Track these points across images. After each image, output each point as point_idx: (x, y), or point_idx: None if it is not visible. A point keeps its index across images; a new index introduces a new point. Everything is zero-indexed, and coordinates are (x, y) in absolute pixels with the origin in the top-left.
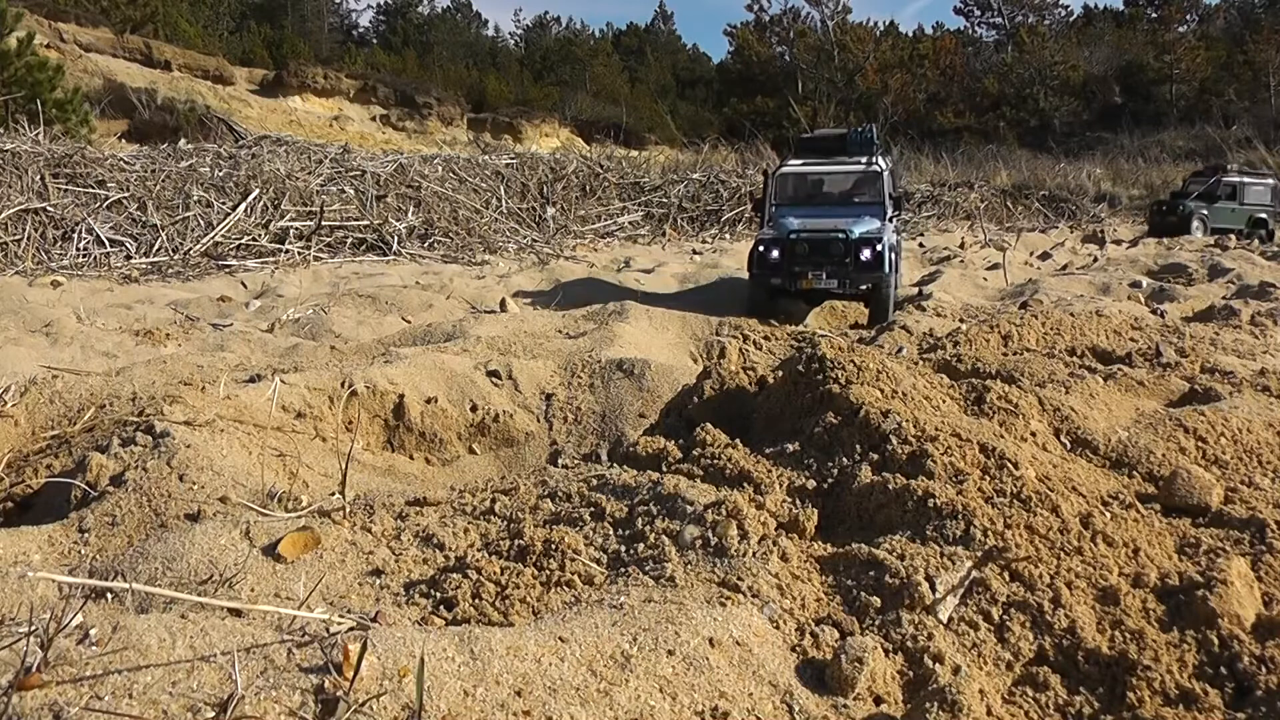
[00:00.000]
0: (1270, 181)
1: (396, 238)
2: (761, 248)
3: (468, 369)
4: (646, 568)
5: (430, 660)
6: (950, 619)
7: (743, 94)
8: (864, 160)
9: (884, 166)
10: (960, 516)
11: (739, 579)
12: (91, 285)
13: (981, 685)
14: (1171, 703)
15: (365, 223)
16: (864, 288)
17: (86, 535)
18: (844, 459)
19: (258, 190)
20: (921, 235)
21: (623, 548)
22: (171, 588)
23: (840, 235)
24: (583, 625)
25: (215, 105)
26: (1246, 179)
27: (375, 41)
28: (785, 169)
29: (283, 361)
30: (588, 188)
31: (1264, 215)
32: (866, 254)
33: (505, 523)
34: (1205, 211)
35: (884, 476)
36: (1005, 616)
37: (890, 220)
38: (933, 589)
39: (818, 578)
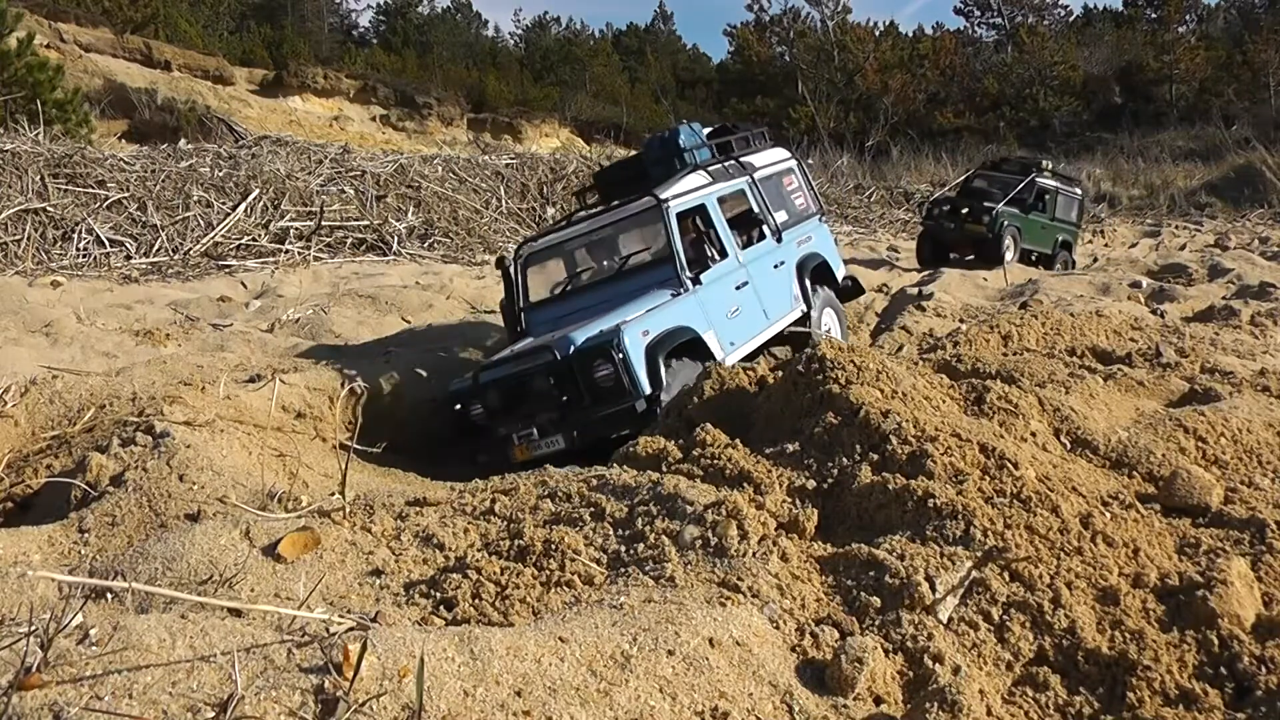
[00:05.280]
0: (1078, 192)
1: (396, 238)
2: (458, 405)
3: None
4: (646, 568)
5: (430, 660)
6: (950, 619)
7: (743, 94)
8: (648, 195)
9: (674, 193)
10: (960, 516)
11: (739, 579)
12: (91, 285)
13: (981, 685)
14: (1171, 703)
15: (365, 223)
16: (620, 432)
17: (86, 535)
18: (844, 459)
19: (258, 190)
20: None
21: (623, 548)
22: (171, 588)
23: (546, 360)
24: (583, 625)
25: (215, 105)
26: (1060, 185)
27: (375, 41)
28: (528, 248)
29: (283, 361)
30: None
31: (1069, 237)
32: (603, 372)
33: (505, 523)
34: (1018, 226)
35: (884, 476)
36: (1005, 616)
37: (697, 284)
38: (933, 589)
39: (818, 578)
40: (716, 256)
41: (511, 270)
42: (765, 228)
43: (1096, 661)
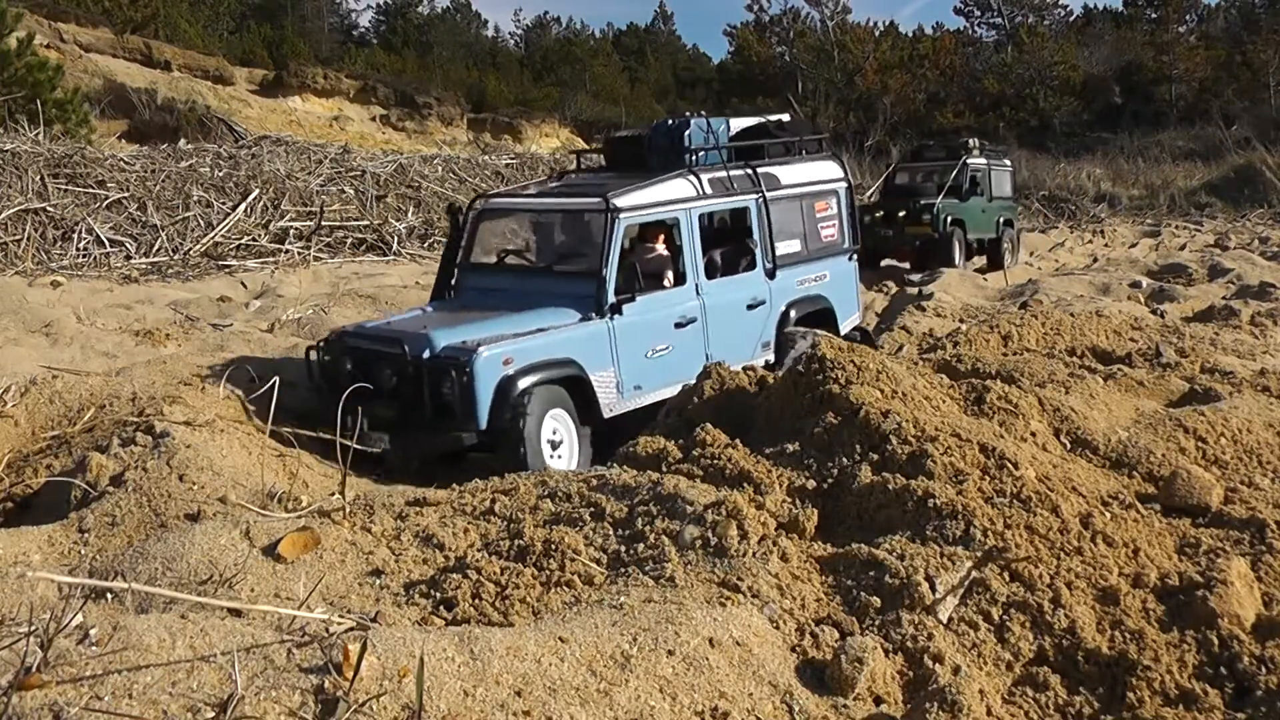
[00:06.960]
0: (1008, 164)
1: (396, 238)
2: (326, 356)
3: None
4: (646, 568)
5: (430, 660)
6: (950, 619)
7: (743, 94)
8: (601, 195)
9: (632, 203)
10: (960, 516)
11: (739, 579)
12: (91, 285)
13: (981, 685)
14: (1171, 703)
15: (365, 223)
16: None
17: (86, 535)
18: (844, 459)
19: (258, 190)
20: None
21: (623, 548)
22: (171, 588)
23: (395, 353)
24: (583, 625)
25: (215, 105)
26: (991, 162)
27: (375, 41)
28: (484, 203)
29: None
30: None
31: (1010, 214)
32: (446, 389)
33: (505, 523)
34: (962, 218)
35: (884, 476)
36: (1005, 616)
37: (616, 313)
38: (933, 589)
39: (818, 578)
40: (672, 280)
41: (462, 221)
42: (759, 257)
43: (1096, 661)
